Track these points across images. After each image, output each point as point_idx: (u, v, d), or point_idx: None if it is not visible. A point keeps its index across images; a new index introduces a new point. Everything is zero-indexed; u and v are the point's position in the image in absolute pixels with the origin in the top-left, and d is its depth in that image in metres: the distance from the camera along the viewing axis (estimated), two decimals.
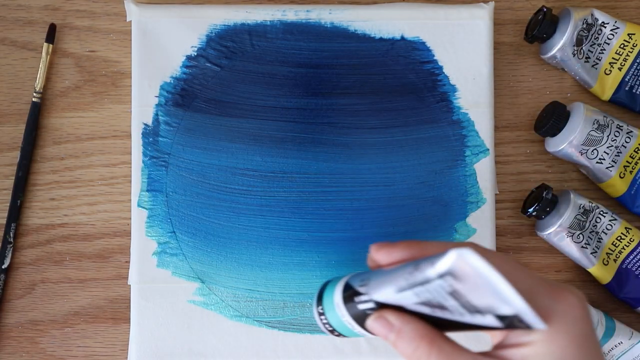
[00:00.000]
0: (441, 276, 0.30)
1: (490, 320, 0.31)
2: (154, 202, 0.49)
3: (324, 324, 0.41)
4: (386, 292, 0.34)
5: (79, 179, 0.52)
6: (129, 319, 0.50)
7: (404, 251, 0.37)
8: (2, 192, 0.52)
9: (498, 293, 0.29)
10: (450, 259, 0.29)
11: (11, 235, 0.51)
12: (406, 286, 0.32)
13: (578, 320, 0.32)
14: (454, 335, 0.35)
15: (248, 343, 0.49)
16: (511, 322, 0.31)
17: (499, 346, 0.34)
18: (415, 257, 0.36)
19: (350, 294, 0.39)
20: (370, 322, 0.36)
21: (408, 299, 0.33)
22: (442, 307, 0.32)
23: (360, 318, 0.38)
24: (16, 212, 0.51)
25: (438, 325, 0.35)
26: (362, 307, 0.37)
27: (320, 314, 0.41)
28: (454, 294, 0.30)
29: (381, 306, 0.36)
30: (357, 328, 0.39)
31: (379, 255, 0.38)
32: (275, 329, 0.49)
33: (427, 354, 0.33)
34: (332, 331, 0.41)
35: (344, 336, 0.41)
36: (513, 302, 0.29)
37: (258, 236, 0.49)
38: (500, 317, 0.31)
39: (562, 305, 0.33)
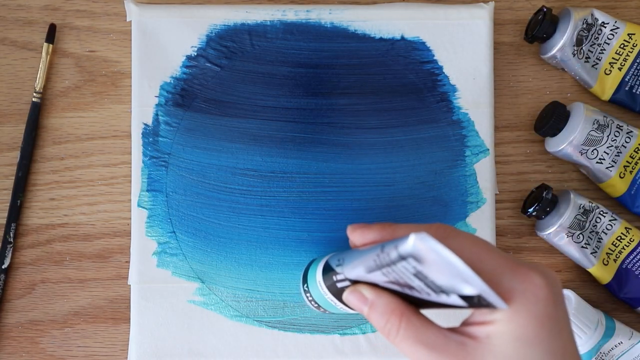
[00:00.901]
0: (403, 258, 0.31)
1: (455, 300, 0.32)
2: (154, 202, 0.49)
3: (309, 300, 0.44)
4: (357, 272, 0.36)
5: (79, 179, 0.52)
6: (129, 319, 0.50)
7: (377, 233, 0.39)
8: (2, 192, 0.52)
9: (458, 274, 0.30)
10: (410, 243, 0.30)
11: (11, 235, 0.51)
12: (374, 267, 0.34)
13: (541, 300, 0.33)
14: (433, 311, 0.36)
15: (248, 343, 0.49)
16: (475, 302, 0.32)
17: (466, 323, 0.35)
18: (386, 239, 0.38)
19: (329, 273, 0.41)
20: (346, 295, 0.38)
21: (378, 279, 0.35)
22: (409, 287, 0.34)
23: (340, 295, 0.40)
24: (16, 212, 0.51)
25: (413, 302, 0.36)
26: (340, 285, 0.39)
27: (306, 292, 0.44)
28: (418, 275, 0.32)
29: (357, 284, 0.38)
30: (339, 304, 0.41)
31: (354, 236, 0.40)
32: (275, 329, 0.49)
33: (396, 327, 0.35)
34: (318, 307, 0.44)
35: (329, 312, 0.44)
36: (473, 283, 0.30)
37: (258, 236, 0.49)
38: (465, 297, 0.32)
39: (525, 285, 0.33)
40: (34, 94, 0.51)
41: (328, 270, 0.41)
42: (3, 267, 0.51)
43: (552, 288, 0.34)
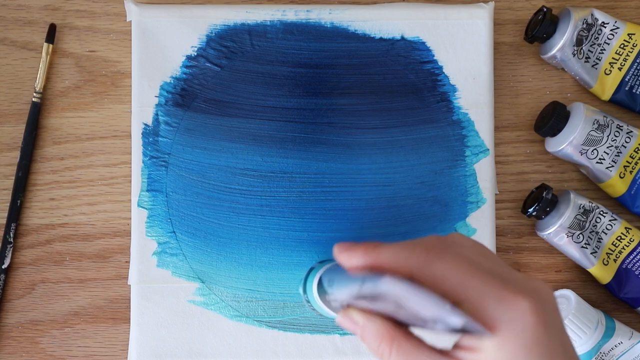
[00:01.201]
0: (382, 295, 0.31)
1: (442, 327, 0.32)
2: (154, 202, 0.49)
3: (311, 309, 0.45)
4: (344, 297, 0.37)
5: (79, 179, 0.52)
6: (129, 319, 0.50)
7: (361, 258, 0.37)
8: (2, 192, 0.52)
9: (437, 311, 0.30)
10: (384, 285, 0.30)
11: (11, 235, 0.51)
12: (358, 296, 0.34)
13: (529, 327, 0.32)
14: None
15: (248, 343, 0.49)
16: (462, 329, 0.31)
17: (458, 346, 0.34)
18: (370, 264, 0.37)
19: (323, 293, 0.41)
20: (338, 319, 0.38)
21: (364, 305, 0.35)
22: (397, 314, 0.34)
23: (336, 310, 0.40)
24: (16, 212, 0.51)
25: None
26: (333, 304, 0.40)
27: (307, 302, 0.45)
28: (401, 307, 0.32)
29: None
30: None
31: (340, 259, 0.39)
32: (275, 329, 0.49)
33: (388, 352, 0.35)
34: (320, 315, 0.45)
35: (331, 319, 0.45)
36: (453, 318, 0.30)
37: (258, 236, 0.49)
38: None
39: (510, 313, 0.33)
40: (34, 94, 0.51)
41: (321, 287, 0.42)
42: (3, 267, 0.51)
43: (542, 311, 0.33)
